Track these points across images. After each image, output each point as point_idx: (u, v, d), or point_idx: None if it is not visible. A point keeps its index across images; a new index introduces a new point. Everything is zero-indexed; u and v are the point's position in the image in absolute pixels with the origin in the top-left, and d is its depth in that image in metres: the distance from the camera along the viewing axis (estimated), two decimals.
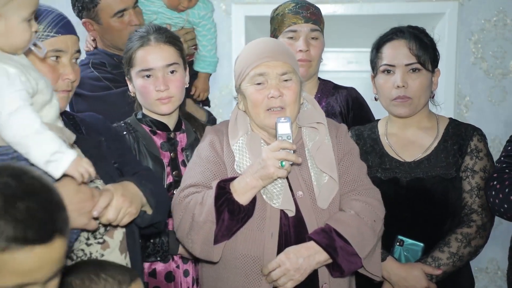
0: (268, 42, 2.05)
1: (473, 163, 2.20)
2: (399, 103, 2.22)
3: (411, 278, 2.13)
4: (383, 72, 2.24)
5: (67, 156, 1.51)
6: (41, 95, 1.58)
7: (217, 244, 1.91)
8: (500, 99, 4.06)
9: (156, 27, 2.19)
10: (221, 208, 1.88)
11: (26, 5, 1.55)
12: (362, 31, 4.16)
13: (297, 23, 2.52)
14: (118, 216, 1.66)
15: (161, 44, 2.14)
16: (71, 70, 1.78)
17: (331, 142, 2.04)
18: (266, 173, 1.88)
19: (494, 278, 4.15)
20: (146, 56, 2.13)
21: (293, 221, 1.94)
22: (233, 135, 2.03)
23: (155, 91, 2.13)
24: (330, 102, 2.59)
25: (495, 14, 4.02)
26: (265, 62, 1.96)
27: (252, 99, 1.98)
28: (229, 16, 4.12)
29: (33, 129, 1.48)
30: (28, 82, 1.53)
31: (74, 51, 1.81)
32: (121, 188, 1.70)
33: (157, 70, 2.12)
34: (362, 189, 2.02)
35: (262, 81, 1.97)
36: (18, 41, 1.56)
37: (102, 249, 1.71)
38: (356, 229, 1.92)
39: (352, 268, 1.94)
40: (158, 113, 2.19)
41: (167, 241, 2.09)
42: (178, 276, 2.15)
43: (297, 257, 1.88)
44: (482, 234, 2.18)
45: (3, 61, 1.52)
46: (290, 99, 1.97)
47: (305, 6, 2.55)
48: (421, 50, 2.20)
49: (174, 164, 2.18)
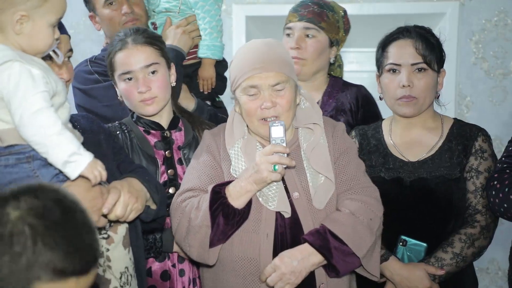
0: (261, 50, 1.99)
1: (478, 164, 2.19)
2: (404, 103, 2.21)
3: (413, 278, 2.13)
4: (389, 71, 2.23)
5: (84, 158, 1.57)
6: (58, 96, 1.63)
7: (213, 247, 1.92)
8: (501, 99, 4.06)
9: (134, 29, 2.18)
10: (216, 212, 1.89)
11: (55, 11, 1.61)
12: (363, 31, 4.15)
13: (292, 21, 2.58)
14: (126, 212, 1.71)
15: (138, 46, 2.13)
16: (65, 69, 1.83)
17: (326, 142, 2.04)
18: (260, 177, 1.89)
19: (494, 279, 4.15)
20: (125, 59, 2.13)
21: (289, 222, 1.95)
22: (229, 139, 2.04)
23: (137, 93, 2.13)
24: (339, 99, 2.59)
25: (496, 14, 4.02)
26: (257, 73, 1.94)
27: (246, 109, 1.98)
28: (229, 16, 4.12)
29: (54, 130, 1.53)
30: (50, 84, 1.58)
31: (66, 50, 1.85)
32: (127, 185, 1.75)
33: (137, 72, 2.12)
34: (359, 188, 2.01)
35: (254, 92, 1.96)
36: (41, 45, 1.62)
37: (107, 244, 1.77)
38: (351, 228, 1.91)
39: (349, 268, 1.94)
40: (144, 115, 2.20)
41: (160, 237, 2.09)
42: (174, 275, 2.15)
43: (291, 260, 1.88)
44: (486, 235, 2.17)
45: (28, 61, 1.57)
46: (284, 108, 1.97)
47: (306, 4, 2.58)
48: (427, 50, 2.19)
49: (169, 163, 2.18)
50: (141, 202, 1.77)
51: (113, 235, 1.78)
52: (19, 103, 1.53)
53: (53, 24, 1.61)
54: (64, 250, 1.11)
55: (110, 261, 1.76)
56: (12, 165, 1.59)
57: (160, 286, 2.13)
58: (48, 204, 1.13)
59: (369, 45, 3.11)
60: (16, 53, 1.56)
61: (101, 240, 1.75)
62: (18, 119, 1.54)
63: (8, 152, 1.59)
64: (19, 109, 1.53)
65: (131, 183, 1.79)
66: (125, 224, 1.81)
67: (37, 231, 1.09)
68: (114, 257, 1.78)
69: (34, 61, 1.60)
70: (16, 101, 1.53)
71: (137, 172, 1.92)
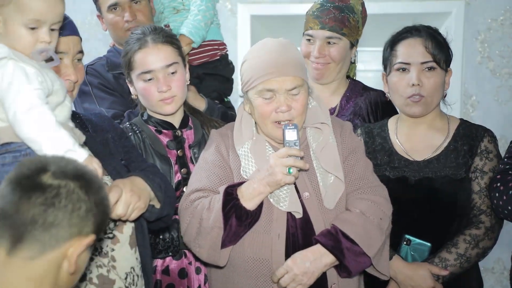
0: (278, 52, 1.96)
1: (483, 164, 2.18)
2: (413, 103, 2.20)
3: (417, 277, 2.13)
4: (398, 70, 2.22)
5: (79, 154, 1.55)
6: (55, 96, 1.63)
7: (224, 248, 1.92)
8: (507, 99, 4.05)
9: (152, 28, 2.18)
10: (229, 213, 1.89)
11: (24, 11, 1.57)
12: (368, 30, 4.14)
13: (313, 28, 2.52)
14: (128, 211, 1.70)
15: (159, 45, 2.13)
16: (73, 71, 1.82)
17: (335, 141, 2.04)
18: (274, 179, 1.89)
19: (500, 279, 4.14)
20: (145, 58, 2.12)
21: (300, 222, 1.95)
22: (238, 140, 2.03)
23: (157, 92, 2.12)
24: (358, 103, 2.57)
25: (502, 14, 4.00)
26: (274, 77, 1.93)
27: (260, 111, 1.97)
28: (234, 15, 4.12)
29: (48, 126, 1.53)
30: (45, 83, 1.58)
31: (76, 51, 1.84)
32: (129, 183, 1.74)
33: (157, 72, 2.12)
34: (368, 187, 2.02)
35: (270, 96, 1.95)
36: (17, 46, 1.60)
37: (112, 243, 1.76)
38: (362, 228, 1.92)
39: (361, 268, 1.94)
40: (162, 114, 2.19)
41: (177, 236, 2.10)
42: (191, 273, 2.16)
43: (303, 261, 1.89)
44: (491, 235, 2.17)
45: (23, 60, 1.56)
46: (298, 111, 1.96)
47: (328, 9, 2.51)
48: (437, 49, 2.19)
49: (182, 161, 2.18)
50: (144, 201, 1.76)
51: (118, 234, 1.78)
52: (12, 101, 1.53)
53: (27, 24, 1.57)
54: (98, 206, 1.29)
55: (115, 261, 1.76)
56: (9, 163, 1.59)
57: (178, 284, 2.14)
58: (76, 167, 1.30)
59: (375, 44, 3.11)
60: (11, 51, 1.56)
61: (105, 240, 1.75)
62: (11, 116, 1.53)
63: (4, 150, 1.60)
64: (13, 107, 1.53)
65: (134, 181, 1.77)
66: (131, 224, 1.81)
67: (85, 190, 1.27)
68: (120, 257, 1.77)
69: (30, 60, 1.59)
70: (9, 98, 1.53)
71: (146, 170, 1.91)
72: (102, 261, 1.73)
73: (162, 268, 2.13)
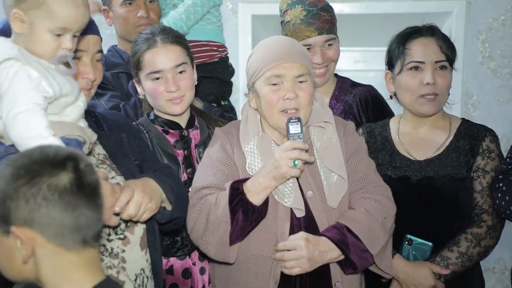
0: (284, 42, 2.04)
1: (485, 163, 2.19)
2: (427, 101, 2.20)
3: (418, 276, 2.13)
4: (411, 69, 2.22)
5: None
6: (66, 98, 1.61)
7: (232, 245, 1.92)
8: (508, 99, 4.04)
9: (161, 28, 2.19)
10: (236, 208, 1.89)
11: (53, 18, 1.57)
12: (369, 30, 4.15)
13: (311, 36, 2.44)
14: (139, 212, 1.69)
15: (168, 45, 2.13)
16: (91, 69, 1.81)
17: (339, 140, 2.05)
18: (279, 173, 1.89)
19: (501, 278, 4.14)
20: (154, 58, 2.12)
21: (304, 221, 1.96)
22: (244, 137, 2.04)
23: (165, 92, 2.12)
24: (348, 101, 2.56)
25: (503, 13, 4.00)
26: (282, 63, 1.95)
27: (267, 99, 1.98)
28: (235, 15, 4.11)
29: (36, 132, 1.50)
30: (50, 87, 1.55)
31: (96, 51, 1.84)
32: (141, 184, 1.73)
33: (166, 72, 2.12)
34: (371, 187, 2.03)
35: (277, 82, 1.96)
36: (38, 50, 1.59)
37: (123, 244, 1.76)
38: (366, 226, 1.94)
39: (364, 264, 1.96)
40: (171, 114, 2.19)
41: None
42: (195, 273, 2.17)
43: (314, 249, 1.90)
44: (493, 234, 2.17)
45: (29, 63, 1.55)
46: (305, 101, 1.97)
47: (317, 14, 2.45)
48: (449, 49, 2.21)
49: (188, 161, 2.19)
50: (155, 202, 1.75)
51: (130, 235, 1.77)
52: (8, 102, 1.52)
53: (53, 31, 1.57)
54: None
55: (125, 263, 1.75)
56: None
57: (181, 284, 2.15)
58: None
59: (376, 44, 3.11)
60: (20, 53, 1.54)
61: (116, 241, 1.74)
62: (4, 117, 1.53)
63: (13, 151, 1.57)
64: (7, 108, 1.51)
65: (146, 182, 1.76)
66: (142, 225, 1.80)
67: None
68: (130, 259, 1.76)
69: (38, 63, 1.57)
70: (6, 99, 1.52)
71: (159, 172, 1.90)
72: (112, 262, 1.73)
73: (165, 267, 2.13)
